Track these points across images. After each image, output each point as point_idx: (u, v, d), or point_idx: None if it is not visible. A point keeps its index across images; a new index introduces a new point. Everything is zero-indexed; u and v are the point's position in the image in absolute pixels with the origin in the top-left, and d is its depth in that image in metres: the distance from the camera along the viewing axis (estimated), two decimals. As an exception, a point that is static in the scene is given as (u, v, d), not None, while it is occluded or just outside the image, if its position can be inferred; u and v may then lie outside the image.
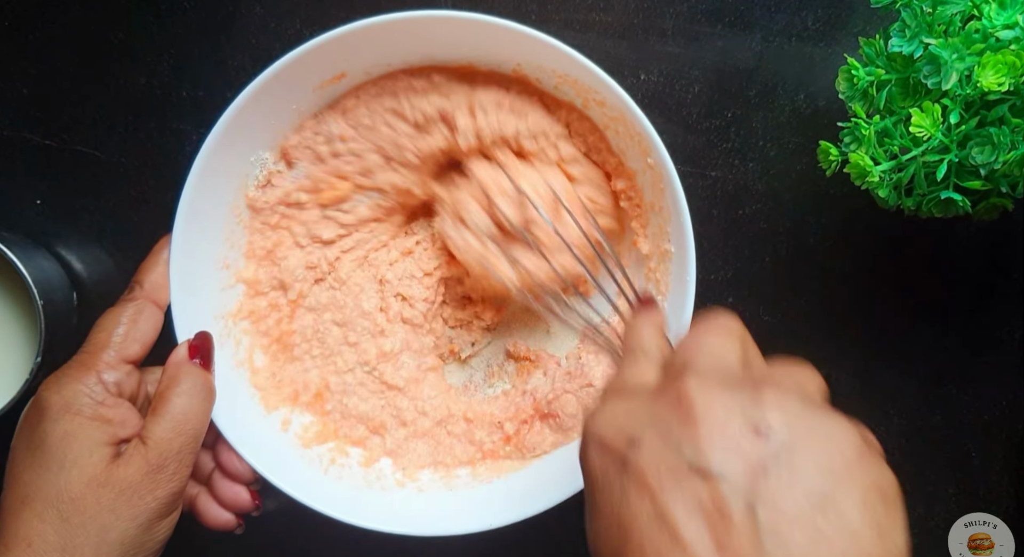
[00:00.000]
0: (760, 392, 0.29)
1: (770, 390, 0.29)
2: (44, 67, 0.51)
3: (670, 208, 0.46)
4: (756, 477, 0.27)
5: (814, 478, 0.27)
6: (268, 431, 0.49)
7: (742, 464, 0.27)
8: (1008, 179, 0.41)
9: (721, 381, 0.30)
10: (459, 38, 0.45)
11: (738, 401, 0.29)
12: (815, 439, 0.28)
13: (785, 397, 0.29)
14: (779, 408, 0.28)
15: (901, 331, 0.53)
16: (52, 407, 0.41)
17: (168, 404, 0.42)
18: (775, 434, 0.28)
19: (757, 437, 0.28)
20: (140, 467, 0.41)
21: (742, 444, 0.28)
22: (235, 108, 0.44)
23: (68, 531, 0.39)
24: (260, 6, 0.51)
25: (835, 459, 0.28)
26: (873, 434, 0.30)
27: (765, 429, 0.28)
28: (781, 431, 0.28)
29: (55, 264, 0.49)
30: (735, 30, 0.52)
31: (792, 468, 0.27)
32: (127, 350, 0.44)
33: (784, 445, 0.27)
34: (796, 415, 0.28)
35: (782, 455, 0.27)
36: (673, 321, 0.46)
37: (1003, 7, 0.39)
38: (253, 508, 0.48)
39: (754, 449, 0.27)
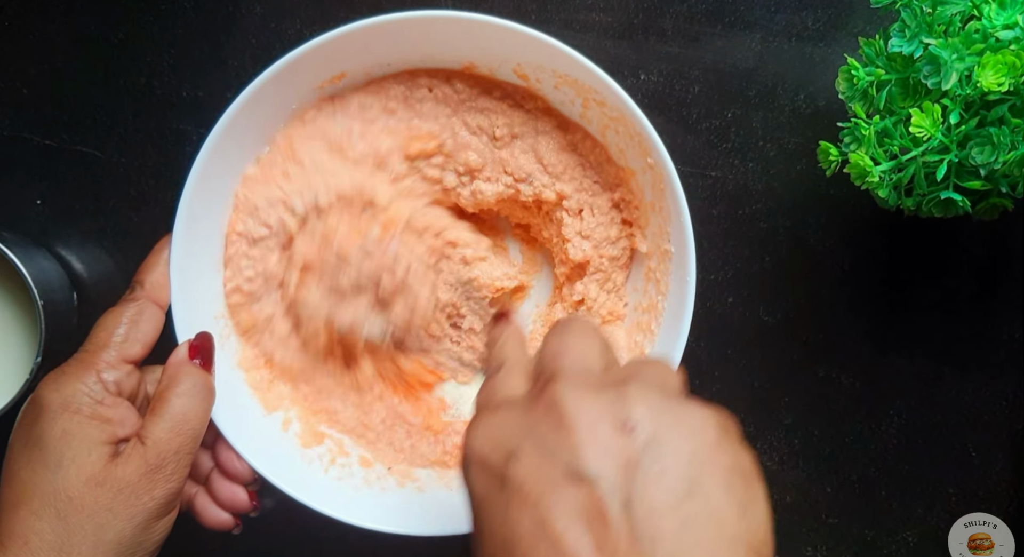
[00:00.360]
0: (625, 389, 0.30)
1: (633, 386, 0.30)
2: (44, 67, 0.51)
3: (670, 208, 0.46)
4: (628, 473, 0.27)
5: (680, 467, 0.28)
6: (268, 431, 0.49)
7: (614, 462, 0.28)
8: (1008, 179, 0.41)
9: (588, 383, 0.31)
10: (460, 38, 0.45)
11: (605, 401, 0.29)
12: (678, 429, 0.29)
13: (647, 391, 0.30)
14: (643, 402, 0.29)
15: (901, 331, 0.53)
16: (51, 405, 0.41)
17: (167, 404, 0.42)
18: (641, 428, 0.28)
19: (625, 434, 0.28)
20: (138, 467, 0.41)
21: (612, 443, 0.28)
22: (235, 108, 0.44)
23: (65, 530, 0.39)
24: (260, 6, 0.51)
25: (697, 446, 0.28)
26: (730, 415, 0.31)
27: (631, 425, 0.28)
28: (646, 425, 0.28)
29: (55, 264, 0.49)
30: (735, 30, 0.52)
31: (659, 459, 0.28)
32: (128, 350, 0.44)
33: (650, 438, 0.28)
34: (658, 408, 0.29)
35: (649, 448, 0.28)
36: (673, 321, 0.46)
37: (1003, 7, 0.39)
38: (251, 509, 0.48)
39: (624, 446, 0.28)
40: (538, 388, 0.32)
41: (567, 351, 0.33)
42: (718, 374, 0.53)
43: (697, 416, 0.29)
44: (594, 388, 0.30)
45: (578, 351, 0.33)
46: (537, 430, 0.29)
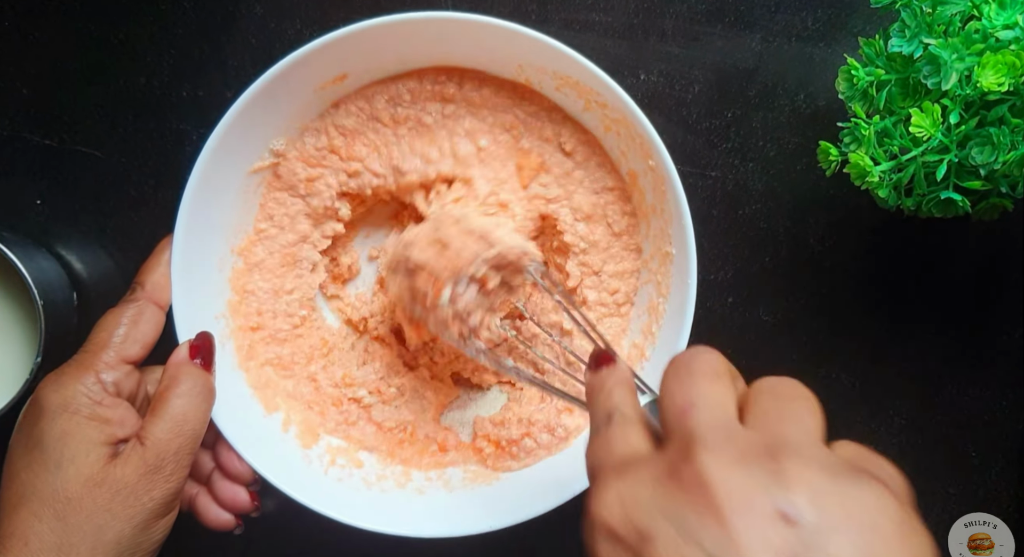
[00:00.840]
0: (780, 463, 0.26)
1: (791, 460, 0.26)
2: (44, 67, 0.51)
3: (671, 210, 0.46)
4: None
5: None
6: (268, 431, 0.49)
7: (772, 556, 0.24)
8: (1008, 179, 0.41)
9: (735, 451, 0.27)
10: (461, 40, 0.45)
11: (758, 481, 0.26)
12: (847, 517, 0.25)
13: (808, 467, 0.26)
14: (805, 484, 0.26)
15: (901, 331, 0.53)
16: (50, 406, 0.41)
17: (167, 404, 0.42)
18: (804, 518, 0.25)
19: (786, 525, 0.25)
20: (137, 467, 0.41)
21: (770, 534, 0.25)
22: (236, 109, 0.44)
23: (64, 530, 0.39)
24: (260, 6, 0.51)
25: (872, 538, 0.25)
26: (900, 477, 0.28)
27: (795, 514, 0.25)
28: (810, 513, 0.25)
29: (55, 264, 0.49)
30: (735, 30, 0.52)
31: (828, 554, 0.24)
32: (127, 350, 0.44)
33: (815, 529, 0.25)
34: (823, 490, 0.26)
35: (814, 541, 0.25)
36: (674, 323, 0.46)
37: (1003, 7, 0.39)
38: (252, 509, 0.48)
39: (784, 539, 0.25)
40: (674, 454, 0.28)
41: (700, 405, 0.29)
42: (718, 374, 0.53)
43: (869, 499, 0.26)
44: (743, 459, 0.27)
45: (713, 402, 0.29)
46: (678, 510, 0.26)
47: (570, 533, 0.53)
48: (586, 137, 0.49)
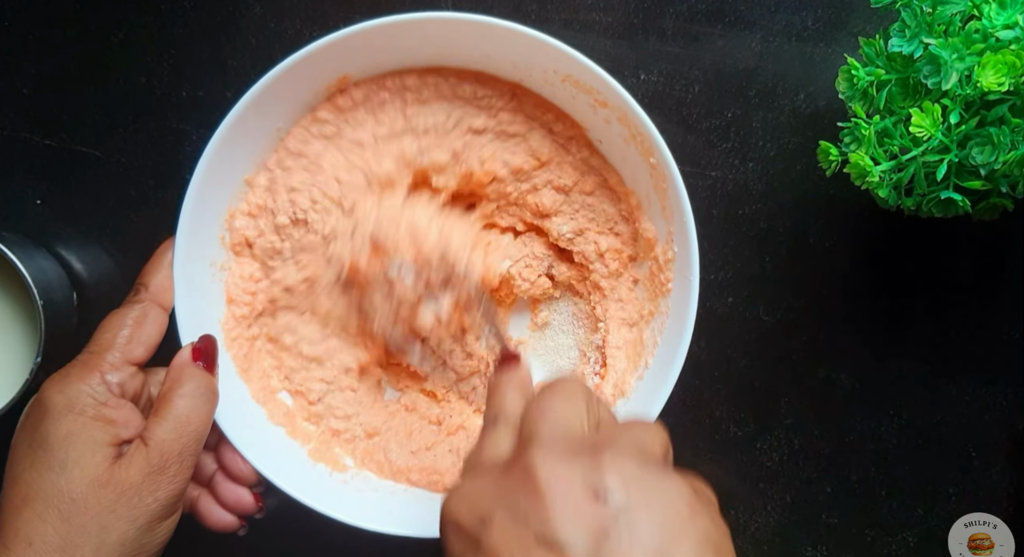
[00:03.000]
0: (599, 456, 0.30)
1: (608, 453, 0.30)
2: (44, 67, 0.51)
3: (672, 209, 0.46)
4: (599, 541, 0.28)
5: (651, 537, 0.28)
6: (271, 433, 0.49)
7: (585, 531, 0.28)
8: (1008, 179, 0.41)
9: (564, 449, 0.31)
10: (463, 40, 0.45)
11: (578, 468, 0.30)
12: (650, 498, 0.29)
13: (622, 458, 0.30)
14: (616, 470, 0.30)
15: (901, 331, 0.53)
16: (55, 407, 0.41)
17: (171, 406, 0.42)
18: (613, 497, 0.29)
19: (597, 502, 0.29)
20: (141, 468, 0.41)
21: (584, 511, 0.29)
22: (238, 111, 0.44)
23: (68, 531, 0.39)
24: (260, 6, 0.51)
25: (669, 517, 0.29)
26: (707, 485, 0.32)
27: (603, 493, 0.29)
28: (619, 493, 0.29)
29: (55, 264, 0.49)
30: (735, 30, 0.52)
31: (631, 529, 0.28)
32: (131, 352, 0.44)
33: (622, 507, 0.29)
34: (632, 476, 0.30)
35: (621, 517, 0.28)
36: (677, 324, 0.46)
37: (1003, 7, 0.39)
38: (256, 510, 0.47)
39: (595, 514, 0.29)
40: (516, 453, 0.32)
41: (547, 414, 0.33)
42: (718, 374, 0.53)
43: (671, 487, 0.30)
44: (568, 454, 0.31)
45: (559, 414, 0.33)
46: (510, 496, 0.30)
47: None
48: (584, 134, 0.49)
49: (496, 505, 0.30)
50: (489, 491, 0.31)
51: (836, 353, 0.53)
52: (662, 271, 0.48)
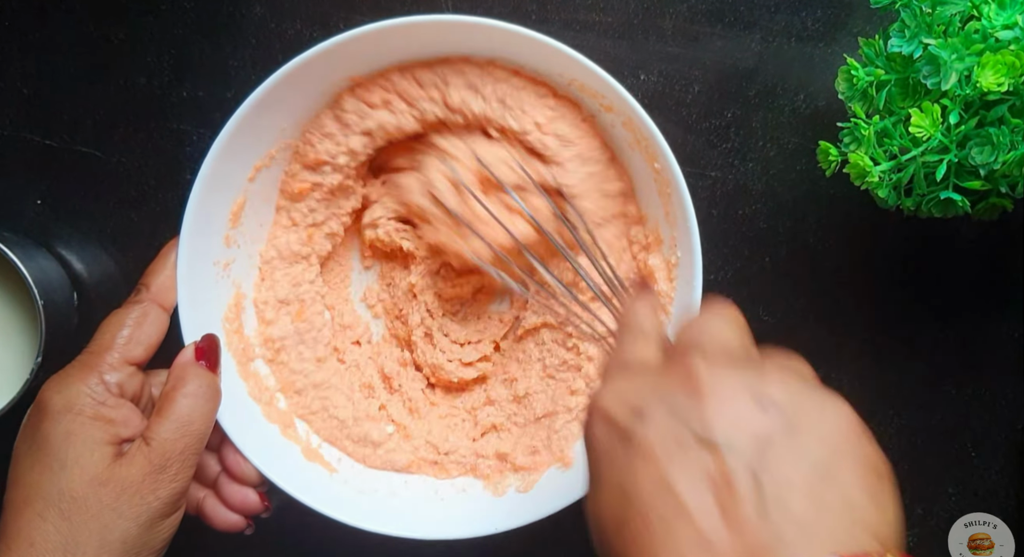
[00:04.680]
0: (763, 370, 0.30)
1: (773, 369, 0.31)
2: (44, 67, 0.51)
3: (676, 215, 0.46)
4: (761, 449, 0.28)
5: (816, 451, 0.28)
6: (273, 433, 0.49)
7: (747, 436, 0.28)
8: (1008, 179, 0.41)
9: (726, 360, 0.31)
10: (468, 43, 0.45)
11: (743, 378, 0.30)
12: (816, 415, 0.29)
13: (787, 375, 0.31)
14: (782, 384, 0.30)
15: (901, 331, 0.53)
16: (54, 407, 0.41)
17: (173, 404, 0.42)
18: (779, 409, 0.29)
19: (762, 411, 0.29)
20: (142, 467, 0.41)
21: (747, 417, 0.28)
22: (242, 111, 0.44)
23: (70, 530, 0.39)
24: (260, 6, 0.51)
25: (835, 435, 0.29)
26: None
27: (769, 404, 0.29)
28: (785, 406, 0.29)
29: (55, 264, 0.49)
30: (735, 30, 0.52)
31: (795, 441, 0.28)
32: (131, 352, 0.44)
33: (787, 419, 0.28)
34: (798, 392, 0.30)
35: (785, 429, 0.28)
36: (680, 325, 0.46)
37: (1003, 7, 0.39)
38: (263, 509, 0.47)
39: (759, 422, 0.28)
40: (676, 358, 0.32)
41: (709, 327, 0.33)
42: (718, 374, 0.53)
43: (837, 406, 0.30)
44: (732, 364, 0.31)
45: (719, 330, 0.33)
46: (670, 394, 0.30)
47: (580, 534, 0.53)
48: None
49: (653, 401, 0.30)
50: (645, 388, 0.31)
51: (836, 353, 0.53)
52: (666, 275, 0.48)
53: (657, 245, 0.48)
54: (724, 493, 0.27)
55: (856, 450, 0.29)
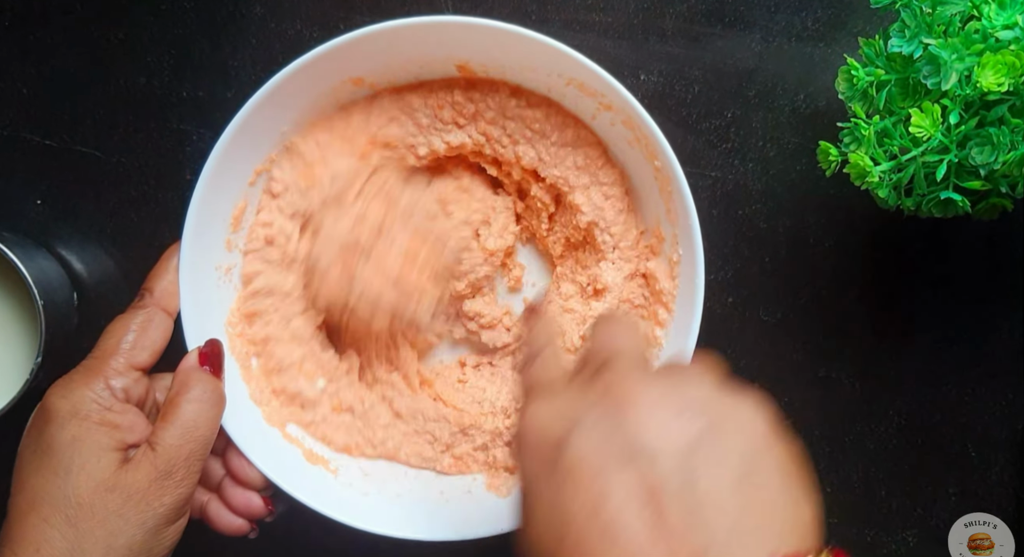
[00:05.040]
0: (681, 376, 0.31)
1: (689, 374, 0.31)
2: (44, 67, 0.51)
3: (678, 213, 0.46)
4: (686, 455, 0.28)
5: (737, 453, 0.29)
6: (275, 436, 0.49)
7: (672, 444, 0.28)
8: (1008, 179, 0.41)
9: (641, 371, 0.32)
10: (468, 43, 0.45)
11: (660, 386, 0.30)
12: (734, 417, 0.30)
13: (702, 379, 0.31)
14: (700, 389, 0.30)
15: (901, 331, 0.53)
16: (59, 412, 0.41)
17: (178, 410, 0.42)
18: (699, 414, 0.29)
19: (683, 417, 0.29)
20: (148, 472, 0.41)
21: (670, 425, 0.29)
22: (244, 113, 0.44)
23: (76, 536, 0.39)
24: (260, 6, 0.51)
25: (753, 434, 0.29)
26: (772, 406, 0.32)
27: (690, 410, 0.29)
28: (704, 411, 0.29)
29: (55, 264, 0.49)
30: (735, 30, 0.52)
31: (718, 445, 0.29)
32: (136, 357, 0.44)
33: (708, 424, 0.29)
34: (714, 396, 0.30)
35: (708, 434, 0.29)
36: (682, 324, 0.47)
37: (1003, 7, 0.39)
38: (267, 513, 0.47)
39: (681, 429, 0.29)
40: (592, 371, 0.32)
41: (618, 339, 0.34)
42: (718, 374, 0.53)
43: (750, 406, 0.30)
44: (648, 373, 0.31)
45: (627, 340, 0.34)
46: (594, 410, 0.30)
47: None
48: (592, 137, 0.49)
49: (578, 419, 0.30)
50: (568, 406, 0.31)
51: (836, 353, 0.53)
52: (668, 273, 0.48)
53: (659, 243, 0.49)
54: (654, 506, 0.27)
55: (772, 446, 0.29)
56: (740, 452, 0.29)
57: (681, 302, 0.47)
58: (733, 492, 0.28)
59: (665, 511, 0.27)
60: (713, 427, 0.29)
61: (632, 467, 0.28)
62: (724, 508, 0.27)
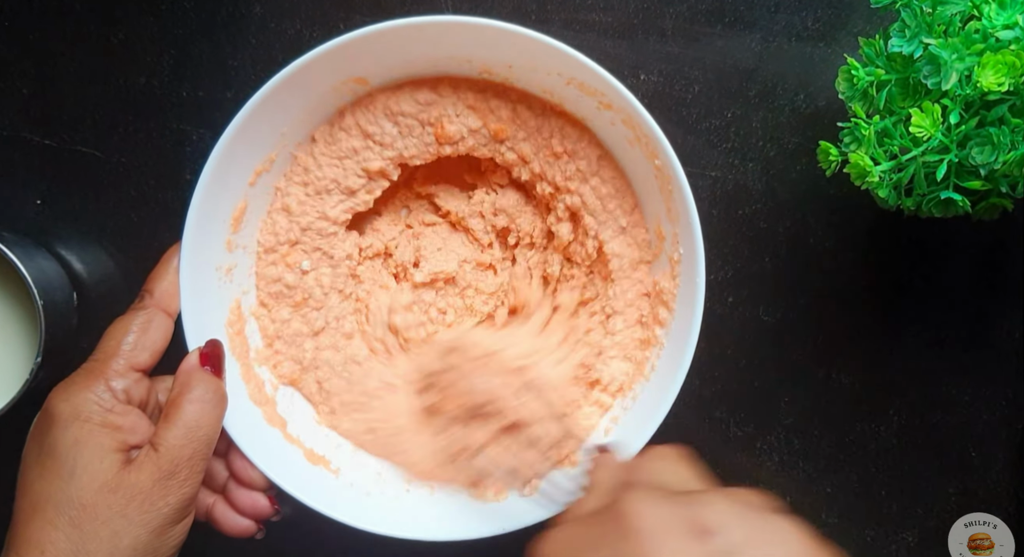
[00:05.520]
0: (701, 496, 0.30)
1: (712, 495, 0.30)
2: (44, 67, 0.51)
3: (678, 212, 0.46)
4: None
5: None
6: (276, 437, 0.49)
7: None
8: (1008, 179, 0.41)
9: (660, 494, 0.30)
10: (467, 43, 0.45)
11: (678, 507, 0.29)
12: (762, 536, 0.28)
13: (727, 499, 0.29)
14: (721, 508, 0.29)
15: (901, 331, 0.53)
16: (61, 415, 0.41)
17: (180, 411, 0.42)
18: (721, 534, 0.28)
19: (702, 540, 0.28)
20: (151, 473, 0.41)
21: (687, 549, 0.27)
22: (244, 114, 0.44)
23: (80, 538, 0.39)
24: (260, 6, 0.51)
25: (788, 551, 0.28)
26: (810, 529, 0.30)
27: (710, 530, 0.28)
28: (726, 531, 0.28)
29: (55, 264, 0.48)
30: (735, 30, 0.52)
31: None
32: (136, 358, 0.44)
33: (731, 544, 0.27)
34: (740, 515, 0.29)
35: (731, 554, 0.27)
36: (683, 323, 0.47)
37: (1003, 7, 0.39)
38: (273, 513, 0.47)
39: (700, 552, 0.27)
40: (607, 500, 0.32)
41: (644, 467, 0.33)
42: (718, 374, 0.53)
43: (785, 526, 0.28)
44: (666, 497, 0.30)
45: (656, 468, 0.33)
46: (606, 539, 0.29)
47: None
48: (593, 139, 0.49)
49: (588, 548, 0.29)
50: (582, 535, 0.30)
51: (836, 353, 0.53)
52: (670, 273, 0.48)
53: (660, 243, 0.49)
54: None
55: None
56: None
57: (681, 301, 0.47)
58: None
59: None
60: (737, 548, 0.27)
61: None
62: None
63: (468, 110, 0.48)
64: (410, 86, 0.48)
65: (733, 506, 0.29)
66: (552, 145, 0.49)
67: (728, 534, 0.28)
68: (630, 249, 0.50)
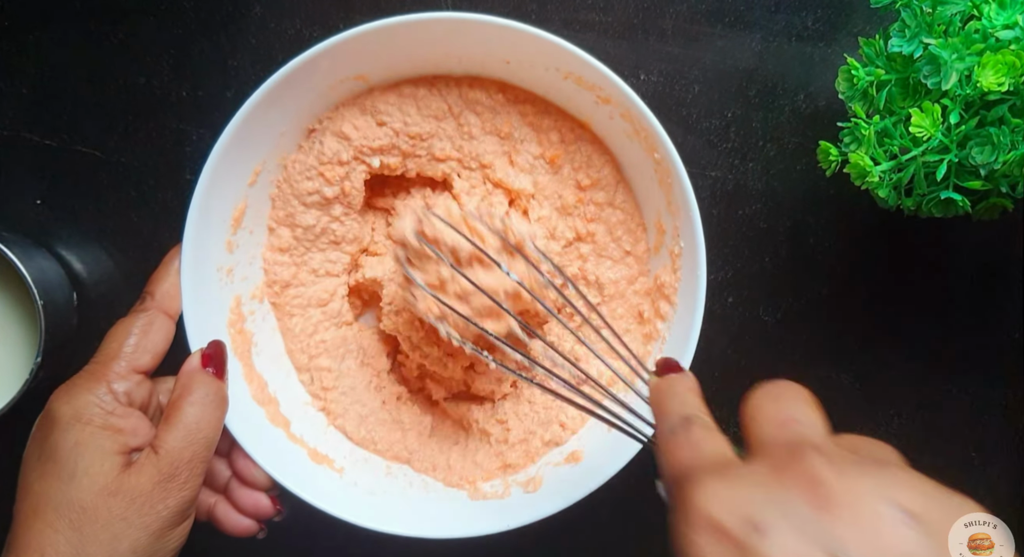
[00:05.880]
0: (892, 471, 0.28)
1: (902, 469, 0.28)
2: (44, 67, 0.51)
3: (678, 204, 0.46)
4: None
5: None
6: (279, 436, 0.49)
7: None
8: (1008, 179, 0.41)
9: (851, 460, 0.28)
10: (465, 40, 0.45)
11: (875, 483, 0.27)
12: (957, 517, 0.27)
13: (917, 478, 0.28)
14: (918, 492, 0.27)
15: (901, 331, 0.53)
16: (62, 417, 0.41)
17: (180, 413, 0.42)
18: (920, 521, 0.26)
19: (906, 525, 0.26)
20: (152, 476, 0.41)
21: (889, 535, 0.26)
22: (242, 115, 0.44)
23: (80, 540, 0.39)
24: (260, 6, 0.51)
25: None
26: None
27: (914, 514, 0.26)
28: (926, 518, 0.27)
29: (55, 264, 0.49)
30: (735, 30, 0.52)
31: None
32: (138, 360, 0.44)
33: (930, 534, 0.27)
34: (933, 498, 0.28)
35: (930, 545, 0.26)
36: (685, 316, 0.47)
37: (1003, 7, 0.39)
38: (275, 513, 0.47)
39: (903, 539, 0.26)
40: (780, 458, 0.28)
41: (803, 420, 0.30)
42: (718, 374, 0.53)
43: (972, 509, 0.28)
44: (858, 464, 0.28)
45: (813, 420, 0.30)
46: (793, 505, 0.26)
47: (590, 529, 0.53)
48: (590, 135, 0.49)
49: (772, 512, 0.26)
50: (758, 495, 0.27)
51: (836, 353, 0.53)
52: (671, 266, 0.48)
53: (660, 237, 0.49)
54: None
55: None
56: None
57: (683, 294, 0.47)
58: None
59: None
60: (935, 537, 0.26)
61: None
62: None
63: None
64: (409, 88, 0.48)
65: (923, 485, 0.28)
66: (579, 179, 0.49)
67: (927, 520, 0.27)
68: (629, 270, 0.50)
